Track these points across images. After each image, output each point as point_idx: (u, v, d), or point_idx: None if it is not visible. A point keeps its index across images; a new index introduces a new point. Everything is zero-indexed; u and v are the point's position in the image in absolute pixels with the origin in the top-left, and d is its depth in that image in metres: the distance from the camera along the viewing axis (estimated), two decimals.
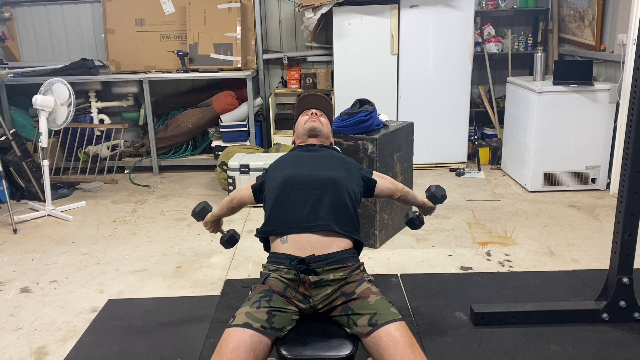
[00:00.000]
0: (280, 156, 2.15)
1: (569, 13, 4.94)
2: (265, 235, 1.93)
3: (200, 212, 2.23)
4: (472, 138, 5.23)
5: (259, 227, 1.96)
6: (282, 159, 2.09)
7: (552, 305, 2.55)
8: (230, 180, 4.14)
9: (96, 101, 5.27)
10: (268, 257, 1.91)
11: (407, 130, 3.56)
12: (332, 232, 1.82)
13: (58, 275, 3.11)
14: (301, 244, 1.80)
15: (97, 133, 5.23)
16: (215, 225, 2.29)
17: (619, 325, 2.43)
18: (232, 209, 2.22)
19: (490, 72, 5.24)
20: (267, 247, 1.98)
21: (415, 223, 2.32)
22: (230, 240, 2.32)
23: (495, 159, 5.14)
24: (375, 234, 3.34)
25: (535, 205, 4.06)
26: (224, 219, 2.32)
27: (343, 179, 1.93)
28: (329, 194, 1.87)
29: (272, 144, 5.06)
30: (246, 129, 5.00)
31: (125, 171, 5.21)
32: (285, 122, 5.17)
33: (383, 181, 2.13)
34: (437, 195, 2.20)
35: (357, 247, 1.94)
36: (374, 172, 2.15)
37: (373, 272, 3.03)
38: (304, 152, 2.08)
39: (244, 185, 2.17)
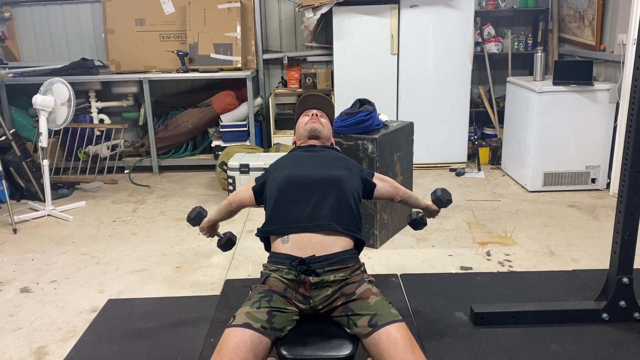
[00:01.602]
0: (280, 156, 2.14)
1: (569, 13, 4.94)
2: (266, 234, 1.93)
3: (195, 218, 2.21)
4: (472, 138, 5.23)
5: (259, 226, 1.96)
6: (282, 159, 2.08)
7: (552, 305, 2.55)
8: (230, 180, 4.14)
9: (96, 101, 5.27)
10: (268, 257, 1.90)
11: (407, 130, 3.56)
12: (333, 231, 1.82)
13: (58, 275, 3.11)
14: (302, 244, 1.80)
15: (97, 133, 5.23)
16: (211, 230, 2.28)
17: (619, 325, 2.43)
18: (231, 212, 2.21)
19: (490, 72, 5.24)
20: (267, 247, 1.97)
21: (418, 224, 2.32)
22: (227, 243, 2.30)
23: (495, 159, 5.14)
24: (375, 234, 3.34)
25: (535, 205, 4.06)
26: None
27: (345, 178, 1.93)
28: (331, 192, 1.87)
29: (272, 144, 5.06)
30: (246, 129, 5.00)
31: (125, 171, 5.21)
32: (285, 122, 5.17)
33: (383, 184, 2.12)
34: (442, 200, 2.19)
35: (358, 246, 1.93)
36: (376, 174, 2.14)
37: (373, 272, 3.03)
38: (304, 152, 2.08)
39: (243, 187, 2.16)
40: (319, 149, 2.10)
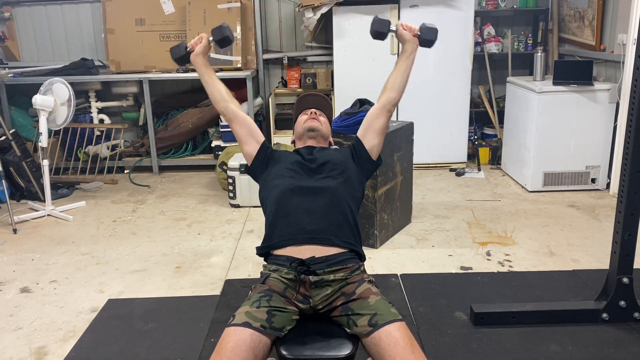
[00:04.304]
0: (283, 154, 2.10)
1: (569, 13, 4.94)
2: (265, 250, 1.92)
3: (223, 39, 2.08)
4: (472, 138, 5.23)
5: (255, 235, 1.95)
6: (282, 166, 2.02)
7: (552, 305, 2.55)
8: (230, 180, 4.14)
9: (96, 101, 5.27)
10: (269, 259, 1.90)
11: (407, 130, 3.56)
12: (332, 245, 1.82)
13: (58, 275, 3.11)
14: (301, 250, 1.80)
15: (97, 133, 5.23)
16: (202, 52, 2.09)
17: (619, 325, 2.43)
18: (220, 98, 2.10)
19: (490, 72, 5.23)
20: (267, 260, 1.95)
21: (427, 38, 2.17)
22: (182, 59, 2.11)
23: (495, 159, 5.14)
24: (375, 234, 3.34)
25: (535, 205, 4.06)
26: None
27: (342, 188, 1.92)
28: (327, 206, 1.86)
29: (272, 144, 5.06)
30: None
31: (125, 171, 5.21)
32: (285, 122, 5.17)
33: (373, 134, 2.06)
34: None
35: (358, 255, 1.92)
36: (360, 136, 2.07)
37: (373, 272, 3.03)
38: (302, 161, 2.03)
39: (250, 133, 2.07)
40: (317, 152, 2.07)
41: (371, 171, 2.10)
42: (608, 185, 4.33)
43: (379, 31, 2.10)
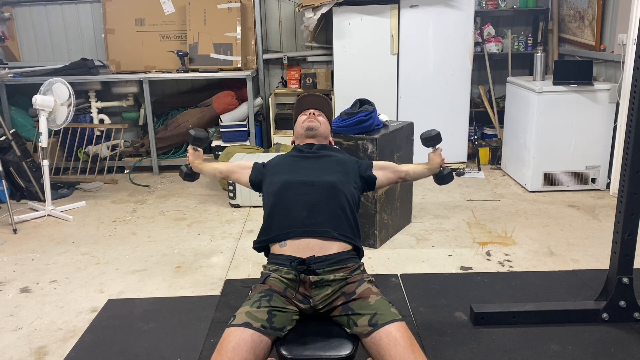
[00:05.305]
0: (280, 155, 2.14)
1: (569, 13, 4.94)
2: (263, 244, 1.92)
3: (195, 139, 2.35)
4: (472, 138, 5.23)
5: (257, 231, 1.95)
6: (281, 162, 2.08)
7: (552, 305, 2.55)
8: (230, 181, 4.13)
9: (96, 101, 5.27)
10: (268, 258, 1.91)
11: (407, 130, 3.56)
12: (330, 237, 1.82)
13: (58, 275, 3.11)
14: (300, 247, 1.80)
15: (97, 133, 5.23)
16: (195, 157, 2.41)
17: (619, 325, 2.43)
18: (215, 172, 2.39)
19: (490, 72, 5.23)
20: (267, 254, 1.96)
21: (444, 177, 2.42)
22: (191, 175, 2.47)
23: (495, 159, 5.14)
24: (375, 234, 3.34)
25: (535, 205, 4.06)
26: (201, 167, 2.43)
27: (341, 183, 1.93)
28: (326, 199, 1.87)
29: (272, 144, 5.06)
30: (246, 129, 5.00)
31: (125, 171, 5.21)
32: (285, 122, 5.17)
33: (384, 173, 2.16)
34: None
35: (357, 251, 1.93)
36: (375, 163, 2.16)
37: (373, 272, 3.03)
38: (302, 156, 2.06)
39: (240, 167, 2.22)
40: (316, 150, 2.09)
41: (363, 189, 2.12)
42: (608, 185, 4.33)
43: (434, 141, 2.37)
